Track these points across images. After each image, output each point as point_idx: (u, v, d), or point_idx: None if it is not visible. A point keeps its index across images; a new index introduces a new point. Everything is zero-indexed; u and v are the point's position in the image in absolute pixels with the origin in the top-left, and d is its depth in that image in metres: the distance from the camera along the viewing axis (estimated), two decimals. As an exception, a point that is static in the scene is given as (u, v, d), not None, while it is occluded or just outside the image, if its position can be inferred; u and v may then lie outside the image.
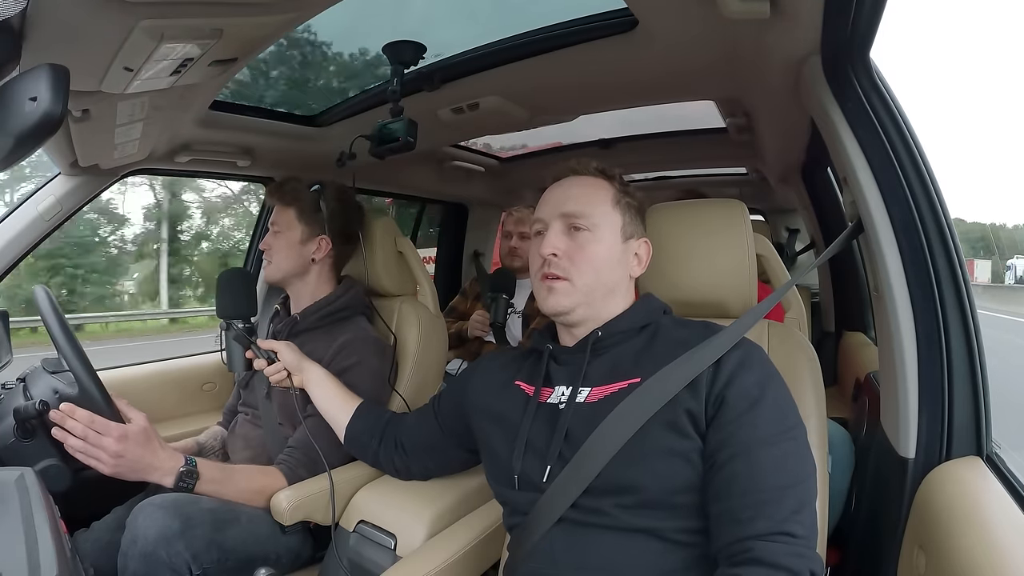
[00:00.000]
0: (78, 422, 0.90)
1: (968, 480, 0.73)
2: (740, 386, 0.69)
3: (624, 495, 0.69)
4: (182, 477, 0.97)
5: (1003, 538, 0.60)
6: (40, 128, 0.50)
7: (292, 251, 1.24)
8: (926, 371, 0.80)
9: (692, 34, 1.00)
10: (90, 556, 1.00)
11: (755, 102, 1.36)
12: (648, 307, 0.84)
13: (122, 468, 0.93)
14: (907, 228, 0.82)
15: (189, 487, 0.98)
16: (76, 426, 0.90)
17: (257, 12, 0.84)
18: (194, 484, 0.98)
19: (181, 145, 1.43)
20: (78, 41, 0.75)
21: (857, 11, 0.78)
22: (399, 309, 1.36)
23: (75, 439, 0.90)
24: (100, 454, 0.91)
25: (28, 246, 1.34)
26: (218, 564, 0.94)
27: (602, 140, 2.05)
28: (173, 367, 1.70)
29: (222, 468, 1.05)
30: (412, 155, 1.33)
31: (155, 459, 0.96)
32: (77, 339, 0.98)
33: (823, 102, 0.91)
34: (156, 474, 0.96)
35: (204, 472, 1.00)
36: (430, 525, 0.99)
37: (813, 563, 0.61)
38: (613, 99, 1.43)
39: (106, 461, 0.91)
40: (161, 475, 0.96)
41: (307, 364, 1.12)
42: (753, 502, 0.63)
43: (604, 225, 0.80)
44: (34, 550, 0.53)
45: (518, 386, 0.85)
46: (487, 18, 1.26)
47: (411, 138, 1.25)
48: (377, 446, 1.05)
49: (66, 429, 0.90)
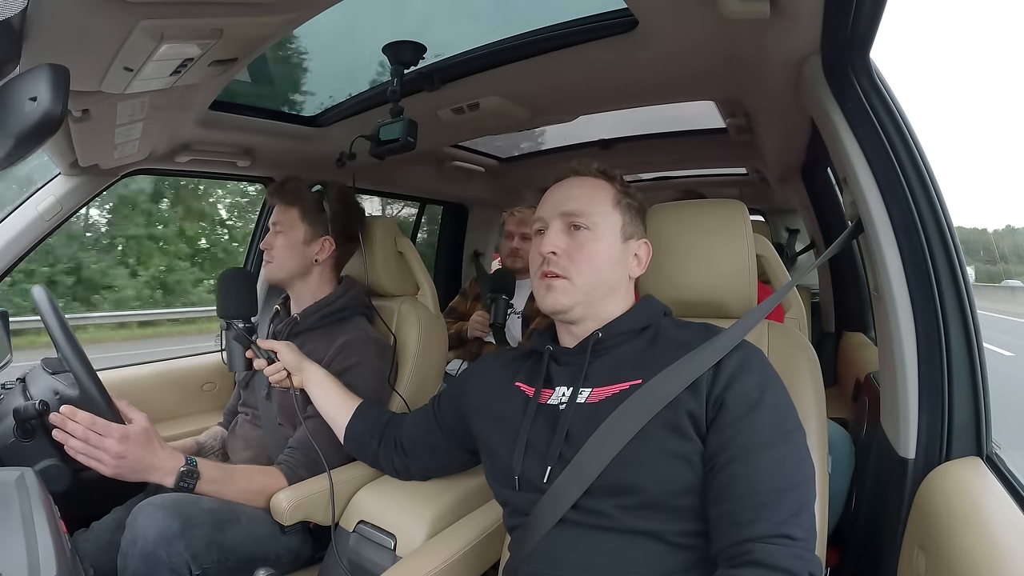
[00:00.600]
0: (79, 424, 0.90)
1: (968, 480, 0.73)
2: (740, 389, 0.69)
3: (624, 496, 0.69)
4: (182, 477, 0.97)
5: (1003, 538, 0.60)
6: (40, 128, 0.50)
7: (295, 251, 1.24)
8: (926, 371, 0.80)
9: (692, 34, 1.00)
10: (90, 556, 1.00)
11: (755, 102, 1.36)
12: (649, 308, 0.84)
13: (123, 469, 0.93)
14: (907, 228, 0.82)
15: (190, 487, 0.98)
16: (77, 428, 0.90)
17: (257, 12, 0.84)
18: (195, 484, 0.98)
19: (181, 145, 1.43)
20: (78, 41, 0.75)
21: (857, 11, 0.78)
22: (399, 309, 1.36)
23: (76, 441, 0.90)
24: (101, 455, 0.91)
25: (28, 246, 1.34)
26: (218, 564, 0.94)
27: (602, 140, 2.05)
28: (173, 367, 1.70)
29: (222, 468, 1.05)
30: (412, 155, 1.33)
31: (156, 459, 0.96)
32: (77, 339, 0.99)
33: (823, 102, 0.91)
34: (157, 474, 0.96)
35: (204, 472, 1.00)
36: (430, 525, 0.99)
37: (812, 565, 0.61)
38: (613, 99, 1.43)
39: (107, 462, 0.91)
40: (162, 475, 0.96)
41: (307, 364, 1.12)
42: (752, 504, 0.63)
43: (604, 225, 0.80)
44: (34, 550, 0.53)
45: (518, 387, 0.85)
46: (487, 18, 1.26)
47: (411, 138, 1.25)
48: (377, 446, 1.05)
49: (67, 431, 0.90)
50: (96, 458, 0.91)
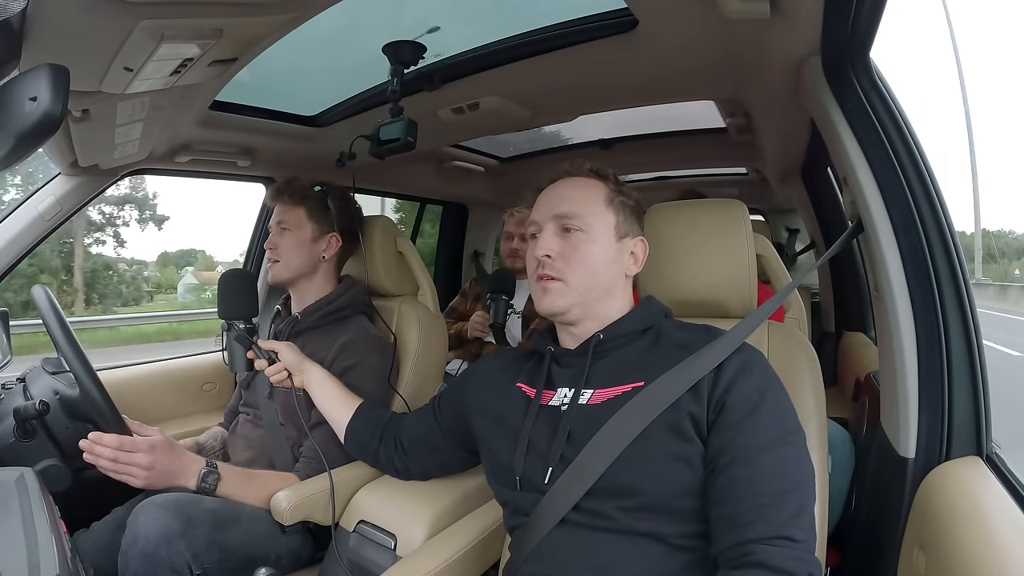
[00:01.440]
0: (106, 447, 0.93)
1: (968, 480, 0.73)
2: (740, 391, 0.70)
3: (625, 498, 0.69)
4: (204, 478, 1.00)
5: (1003, 538, 0.60)
6: (40, 128, 0.50)
7: (303, 249, 1.25)
8: (926, 371, 0.80)
9: (692, 34, 1.00)
10: (90, 556, 1.00)
11: (755, 102, 1.36)
12: (650, 310, 0.84)
13: (154, 478, 0.96)
14: (907, 228, 0.82)
15: (211, 487, 1.01)
16: (104, 451, 0.93)
17: (257, 12, 0.84)
18: (215, 485, 1.01)
19: (181, 145, 1.43)
20: (78, 41, 0.75)
21: (857, 11, 0.78)
22: (399, 309, 1.36)
23: (106, 461, 0.93)
24: (132, 470, 0.94)
25: (28, 246, 1.34)
26: (219, 564, 0.94)
27: (602, 140, 2.05)
28: (173, 367, 1.70)
29: (242, 472, 1.07)
30: (412, 155, 1.33)
31: (181, 465, 1.00)
32: (77, 340, 0.99)
33: (823, 102, 0.91)
34: (182, 479, 0.99)
35: (225, 474, 1.03)
36: (430, 525, 0.99)
37: (812, 567, 0.62)
38: (613, 99, 1.43)
39: (139, 475, 0.95)
40: (187, 479, 1.00)
41: (308, 365, 1.12)
42: (753, 506, 0.63)
43: (597, 225, 0.80)
44: (34, 550, 0.53)
45: (519, 388, 0.85)
46: (487, 18, 1.26)
47: (411, 138, 1.25)
48: (377, 446, 1.05)
49: (95, 454, 0.93)
50: (128, 473, 0.94)
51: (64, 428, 1.02)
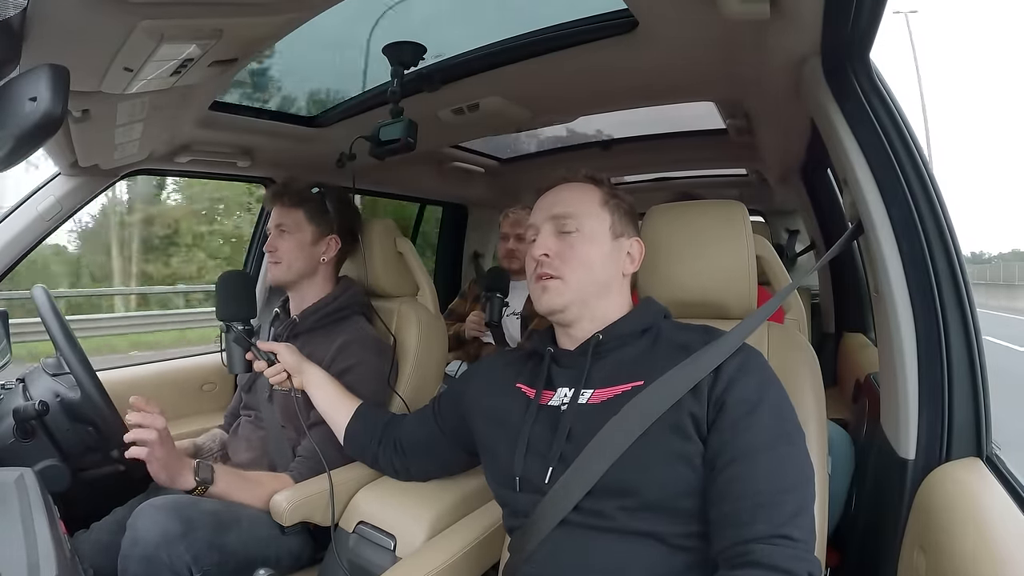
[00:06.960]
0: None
1: (968, 481, 0.73)
2: (739, 391, 0.70)
3: (626, 498, 0.69)
4: (199, 471, 0.99)
5: (1003, 539, 0.60)
6: (40, 128, 0.50)
7: (303, 251, 1.25)
8: (926, 372, 0.80)
9: (692, 35, 1.00)
10: (89, 557, 0.99)
11: (755, 103, 1.37)
12: (649, 311, 0.84)
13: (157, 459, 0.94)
14: (907, 229, 0.82)
15: (208, 478, 0.99)
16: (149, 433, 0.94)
17: (257, 12, 0.84)
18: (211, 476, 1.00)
19: (181, 145, 1.43)
20: (78, 41, 0.75)
21: (857, 12, 0.78)
22: (399, 310, 1.36)
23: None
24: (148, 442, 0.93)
25: (28, 246, 1.34)
26: (219, 566, 0.94)
27: (602, 141, 2.06)
28: (173, 367, 1.70)
29: (234, 470, 1.07)
30: (412, 156, 1.33)
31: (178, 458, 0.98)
32: (77, 340, 0.99)
33: (823, 103, 0.91)
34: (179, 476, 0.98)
35: (216, 471, 1.02)
36: (430, 526, 0.99)
37: (811, 566, 0.62)
38: (613, 100, 1.44)
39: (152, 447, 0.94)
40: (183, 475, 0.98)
41: (307, 366, 1.12)
42: (752, 505, 0.63)
43: (593, 225, 0.82)
44: (34, 550, 0.53)
45: (519, 389, 0.85)
46: (487, 18, 1.26)
47: (411, 139, 1.25)
48: (376, 447, 1.04)
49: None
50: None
51: (64, 430, 1.02)
